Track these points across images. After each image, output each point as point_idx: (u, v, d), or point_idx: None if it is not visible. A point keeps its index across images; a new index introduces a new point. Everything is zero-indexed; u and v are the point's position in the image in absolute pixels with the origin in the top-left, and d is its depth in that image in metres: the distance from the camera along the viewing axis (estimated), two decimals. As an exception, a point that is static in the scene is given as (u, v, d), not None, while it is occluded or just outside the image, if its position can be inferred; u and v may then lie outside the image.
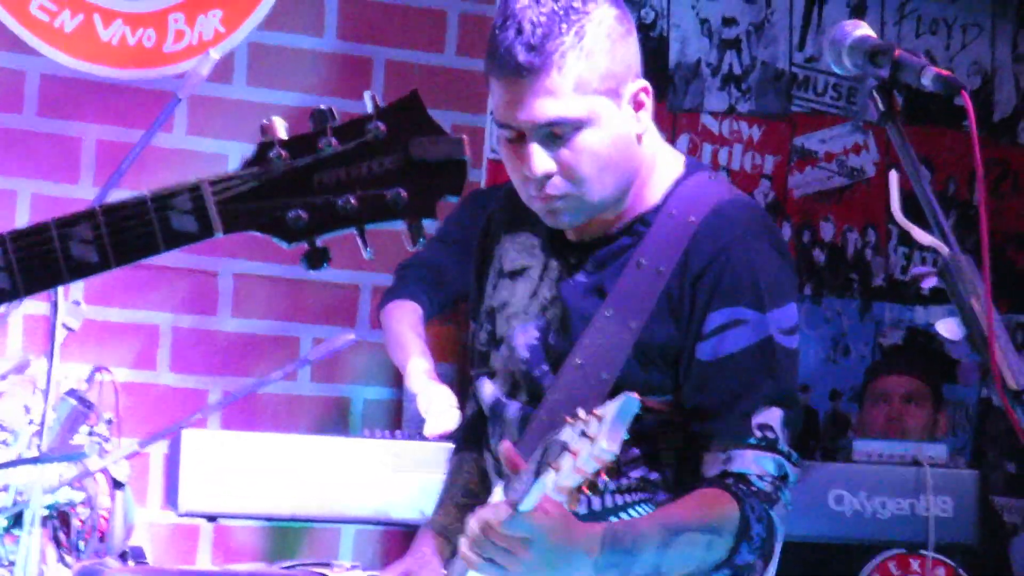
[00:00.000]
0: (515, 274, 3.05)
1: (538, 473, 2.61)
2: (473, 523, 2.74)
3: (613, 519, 2.88)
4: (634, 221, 2.93)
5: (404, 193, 2.08)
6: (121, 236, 2.06)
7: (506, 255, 3.07)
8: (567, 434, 2.57)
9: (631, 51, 2.89)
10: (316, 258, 2.09)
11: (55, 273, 2.06)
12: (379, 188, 2.08)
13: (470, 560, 2.78)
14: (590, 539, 2.74)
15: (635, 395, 2.55)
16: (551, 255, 2.99)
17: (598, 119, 2.86)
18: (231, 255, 5.93)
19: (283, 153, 2.08)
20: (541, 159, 2.86)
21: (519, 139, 2.87)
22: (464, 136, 2.11)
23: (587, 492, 2.58)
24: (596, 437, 2.52)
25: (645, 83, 2.90)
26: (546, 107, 2.85)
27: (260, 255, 5.95)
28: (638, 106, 2.90)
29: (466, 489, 3.12)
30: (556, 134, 2.86)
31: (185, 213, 2.07)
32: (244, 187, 2.10)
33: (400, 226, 2.12)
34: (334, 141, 2.10)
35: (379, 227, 2.10)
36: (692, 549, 2.80)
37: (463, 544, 2.84)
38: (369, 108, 2.13)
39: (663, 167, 2.96)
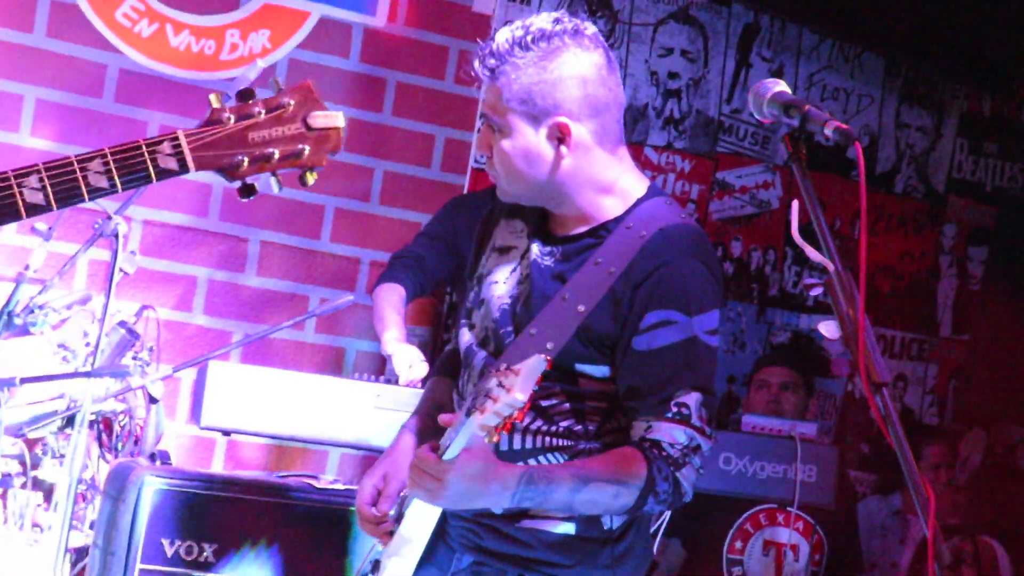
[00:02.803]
0: (503, 251, 3.04)
1: (468, 413, 2.64)
2: (412, 463, 2.79)
3: (541, 458, 2.87)
4: (599, 227, 2.92)
5: (308, 149, 2.44)
6: (125, 169, 2.35)
7: (500, 234, 3.07)
8: (491, 384, 2.61)
9: (571, 94, 2.84)
10: (247, 191, 2.44)
11: (78, 194, 2.35)
12: (292, 144, 2.44)
13: (410, 488, 2.84)
14: (508, 476, 2.76)
15: (544, 357, 2.58)
16: (532, 241, 2.99)
17: (512, 132, 2.87)
18: (260, 226, 5.91)
19: (231, 117, 2.40)
20: (480, 141, 2.96)
21: None
22: (342, 112, 2.47)
23: (504, 431, 2.61)
24: (512, 388, 2.56)
25: (566, 122, 2.84)
26: (483, 103, 2.92)
27: (284, 228, 5.94)
28: (557, 138, 2.86)
29: (436, 404, 3.12)
30: (492, 128, 2.90)
31: (168, 155, 2.37)
32: (208, 138, 2.38)
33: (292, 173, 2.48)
34: (263, 111, 2.42)
35: (288, 171, 2.47)
36: (600, 496, 2.80)
37: (397, 473, 2.95)
38: (274, 90, 2.45)
39: (628, 188, 2.94)
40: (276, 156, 2.42)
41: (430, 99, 6.17)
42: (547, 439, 2.89)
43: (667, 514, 4.84)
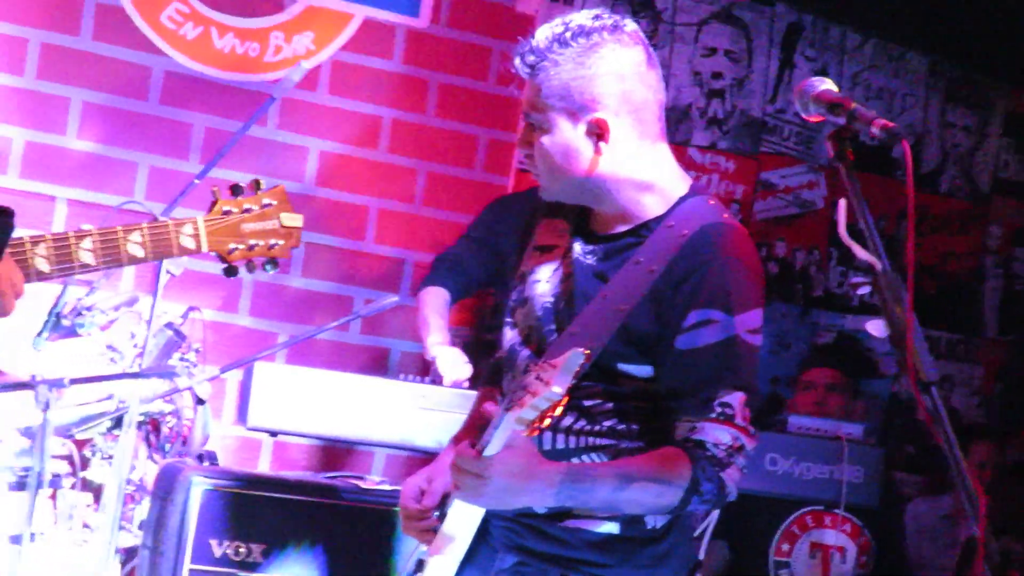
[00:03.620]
0: (545, 250, 3.04)
1: (507, 409, 2.64)
2: (453, 460, 2.79)
3: (584, 457, 2.88)
4: (640, 226, 2.91)
5: (280, 243, 2.94)
6: (155, 243, 2.78)
7: (542, 233, 3.07)
8: (529, 378, 2.61)
9: (609, 90, 2.84)
10: (231, 271, 2.92)
11: (119, 260, 2.75)
12: (270, 238, 2.93)
13: (453, 487, 2.84)
14: (551, 474, 2.75)
15: (582, 351, 2.58)
16: (574, 240, 2.99)
17: (551, 129, 2.87)
18: (304, 228, 5.91)
19: (233, 210, 2.89)
20: (521, 138, 2.95)
21: None
22: (301, 215, 2.99)
23: (541, 425, 2.61)
24: (549, 382, 2.56)
25: (604, 118, 2.84)
26: (525, 101, 2.92)
27: (328, 230, 5.95)
28: (595, 134, 2.86)
29: (483, 415, 3.12)
30: (532, 126, 2.89)
31: (190, 236, 2.83)
32: (218, 226, 2.86)
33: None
34: (255, 208, 2.92)
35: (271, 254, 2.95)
36: (643, 495, 2.79)
37: (443, 476, 2.93)
38: (263, 187, 2.94)
39: (669, 186, 2.93)
40: (259, 248, 2.91)
41: (473, 100, 6.18)
42: (589, 439, 2.89)
43: (714, 515, 4.83)
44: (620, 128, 2.86)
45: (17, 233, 2.59)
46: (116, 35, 5.68)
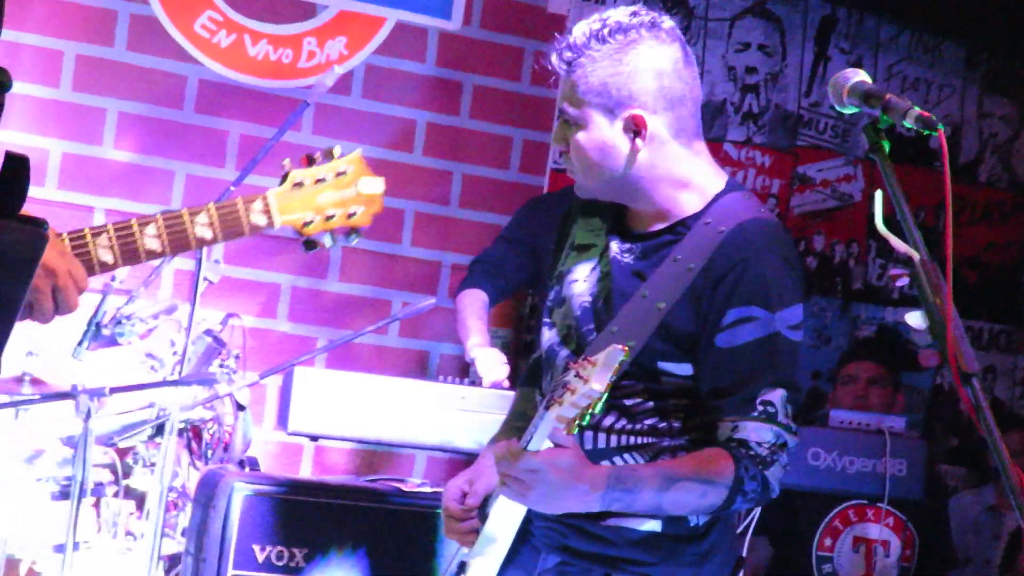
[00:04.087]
0: (582, 249, 3.03)
1: (548, 407, 2.63)
2: (496, 458, 2.76)
3: (626, 456, 2.87)
4: (677, 223, 2.90)
5: (360, 211, 2.74)
6: (224, 223, 2.62)
7: (578, 232, 3.06)
8: (569, 376, 2.59)
9: (646, 86, 2.83)
10: (311, 244, 2.72)
11: (187, 244, 2.61)
12: (349, 206, 2.73)
13: (499, 486, 2.81)
14: (595, 477, 2.72)
15: (621, 347, 2.56)
16: (611, 238, 2.98)
17: (587, 125, 2.86)
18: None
19: (306, 181, 2.70)
20: (556, 135, 2.94)
21: None
22: (382, 178, 2.76)
23: (581, 423, 2.60)
24: (589, 379, 2.55)
25: (641, 114, 2.83)
26: (560, 98, 2.91)
27: (364, 233, 5.95)
28: (632, 131, 2.85)
29: (523, 415, 3.11)
30: (568, 123, 2.88)
31: (260, 212, 2.65)
32: (290, 199, 2.69)
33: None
34: (331, 176, 2.72)
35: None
36: (687, 496, 2.77)
37: (485, 478, 2.89)
38: (337, 154, 2.74)
39: (705, 183, 2.91)
40: (337, 217, 2.73)
41: (507, 101, 6.18)
42: (630, 438, 2.87)
43: (757, 512, 4.81)
44: (657, 124, 2.85)
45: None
46: (150, 45, 5.71)
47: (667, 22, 2.89)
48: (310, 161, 2.72)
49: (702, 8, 6.43)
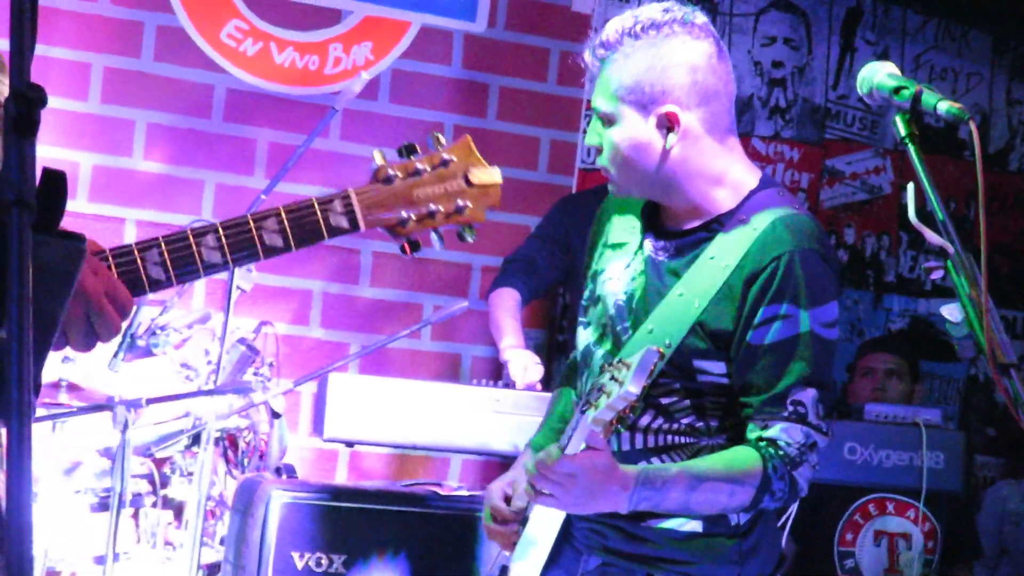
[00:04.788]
0: (616, 247, 3.03)
1: (583, 410, 2.63)
2: (531, 463, 2.75)
3: (664, 456, 2.86)
4: (711, 221, 2.89)
5: (469, 204, 2.43)
6: (299, 228, 2.34)
7: (612, 231, 3.06)
8: (604, 378, 2.59)
9: (680, 82, 2.82)
10: (414, 246, 2.43)
11: (255, 253, 2.32)
12: (454, 201, 2.42)
13: (531, 493, 2.80)
14: (625, 478, 2.72)
15: (656, 349, 2.56)
16: (645, 236, 2.97)
17: (621, 122, 2.86)
18: (370, 237, 5.95)
19: (398, 175, 2.39)
20: (590, 134, 2.93)
21: None
22: (498, 168, 2.45)
23: (618, 424, 2.59)
24: (624, 381, 2.55)
25: (675, 110, 2.82)
26: (594, 96, 2.91)
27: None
28: (666, 127, 2.84)
29: (561, 417, 3.11)
30: (602, 120, 2.88)
31: (340, 214, 2.36)
32: (377, 196, 2.38)
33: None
34: (428, 168, 2.41)
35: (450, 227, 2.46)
36: (715, 495, 2.78)
37: (525, 480, 2.86)
38: (435, 146, 2.43)
39: (739, 179, 2.91)
40: (440, 213, 2.42)
41: (533, 102, 6.18)
42: (669, 437, 2.87)
43: (794, 507, 4.80)
44: (690, 120, 2.84)
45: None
46: (177, 55, 5.73)
47: (700, 17, 2.88)
48: (407, 151, 2.42)
49: (727, 4, 6.42)
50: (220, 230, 2.30)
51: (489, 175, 2.45)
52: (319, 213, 2.35)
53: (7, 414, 1.42)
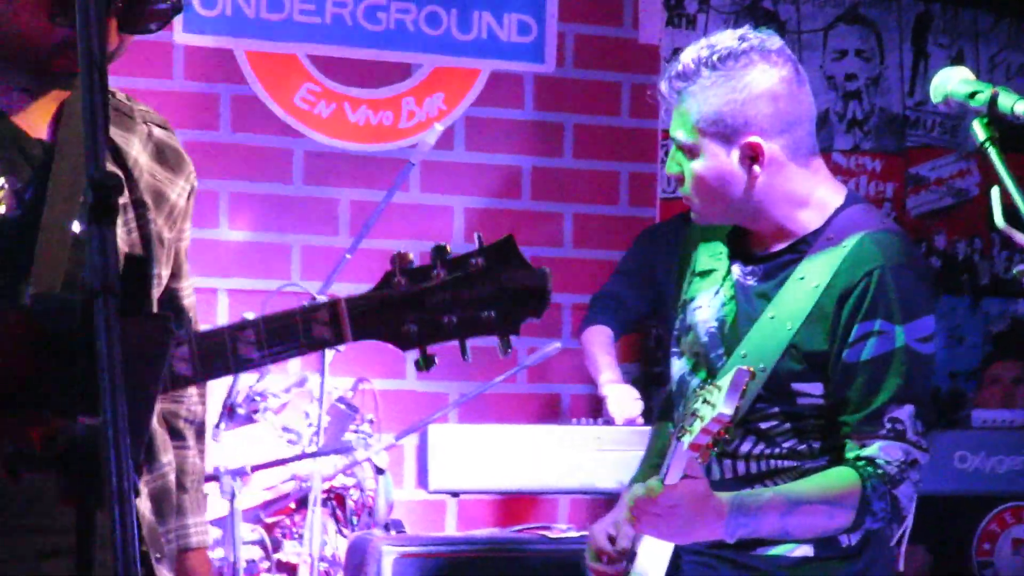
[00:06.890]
0: (704, 275, 3.01)
1: (679, 437, 2.61)
2: (631, 497, 2.75)
3: (768, 482, 2.83)
4: (799, 242, 2.87)
5: (494, 314, 2.12)
6: (274, 339, 2.12)
7: (700, 259, 3.04)
8: (697, 403, 2.58)
9: (762, 111, 2.80)
10: (426, 362, 2.16)
11: (227, 367, 2.13)
12: (475, 310, 2.12)
13: (633, 524, 2.79)
14: (719, 506, 2.70)
15: (747, 369, 2.54)
16: (733, 262, 2.95)
17: (704, 154, 2.84)
18: (460, 286, 5.95)
19: (403, 280, 2.10)
20: (671, 163, 2.91)
21: None
22: (547, 269, 2.15)
23: (714, 448, 2.57)
24: (716, 404, 2.53)
25: (759, 141, 2.80)
26: (672, 128, 2.88)
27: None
28: (750, 157, 2.82)
29: (659, 452, 3.09)
30: (682, 151, 2.85)
31: (324, 324, 2.11)
32: (372, 305, 2.12)
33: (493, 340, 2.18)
34: (443, 272, 2.11)
35: (475, 340, 2.17)
36: (812, 518, 2.75)
37: (627, 512, 2.84)
38: (476, 245, 2.14)
39: (825, 198, 2.88)
40: (454, 324, 2.13)
41: (609, 137, 6.17)
42: (771, 462, 2.85)
43: (909, 522, 4.73)
44: (774, 149, 2.82)
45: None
46: (254, 123, 5.79)
47: (776, 42, 2.85)
48: (437, 253, 2.13)
49: (794, 22, 6.38)
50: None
51: (530, 277, 2.13)
52: (300, 323, 2.12)
53: (108, 501, 1.44)
